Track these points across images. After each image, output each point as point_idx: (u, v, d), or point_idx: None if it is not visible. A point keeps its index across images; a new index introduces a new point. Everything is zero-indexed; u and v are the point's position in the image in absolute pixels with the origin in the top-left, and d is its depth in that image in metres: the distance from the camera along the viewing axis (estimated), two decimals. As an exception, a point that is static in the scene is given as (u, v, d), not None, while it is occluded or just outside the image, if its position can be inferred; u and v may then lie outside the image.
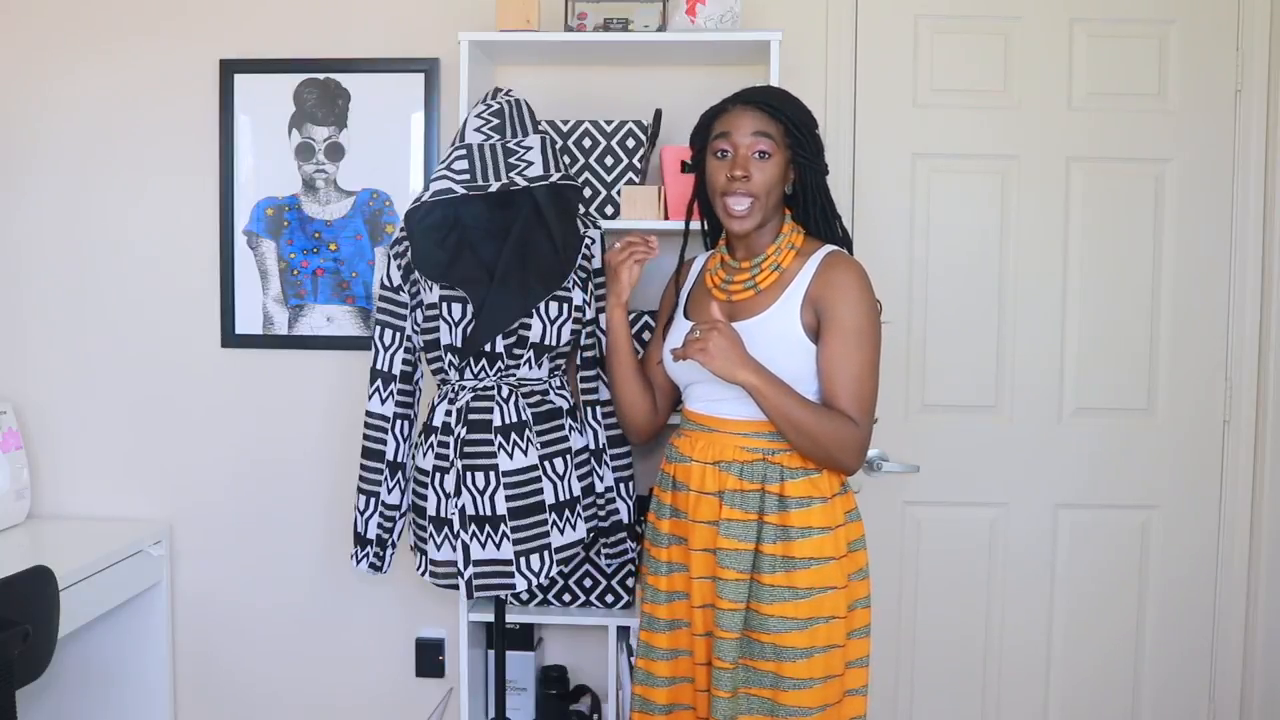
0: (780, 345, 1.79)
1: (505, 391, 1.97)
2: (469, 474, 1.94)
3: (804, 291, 1.80)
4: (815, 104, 2.35)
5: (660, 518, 1.91)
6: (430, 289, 1.99)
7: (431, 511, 1.99)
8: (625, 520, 2.13)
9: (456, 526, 1.95)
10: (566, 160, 2.17)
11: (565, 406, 2.03)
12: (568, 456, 2.00)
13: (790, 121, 1.81)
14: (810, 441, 1.74)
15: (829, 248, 1.85)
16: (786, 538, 1.76)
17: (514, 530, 1.93)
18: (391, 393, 2.07)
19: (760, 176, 1.79)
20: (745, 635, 1.77)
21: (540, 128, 2.03)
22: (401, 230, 2.02)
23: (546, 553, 1.96)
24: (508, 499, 1.93)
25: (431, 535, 1.99)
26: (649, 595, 1.92)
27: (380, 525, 2.09)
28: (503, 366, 1.97)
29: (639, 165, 2.22)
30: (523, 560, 1.94)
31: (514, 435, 1.94)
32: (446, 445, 1.96)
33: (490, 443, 1.94)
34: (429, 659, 2.52)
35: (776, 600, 1.75)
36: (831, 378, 1.77)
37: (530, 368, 1.99)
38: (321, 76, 2.44)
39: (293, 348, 2.50)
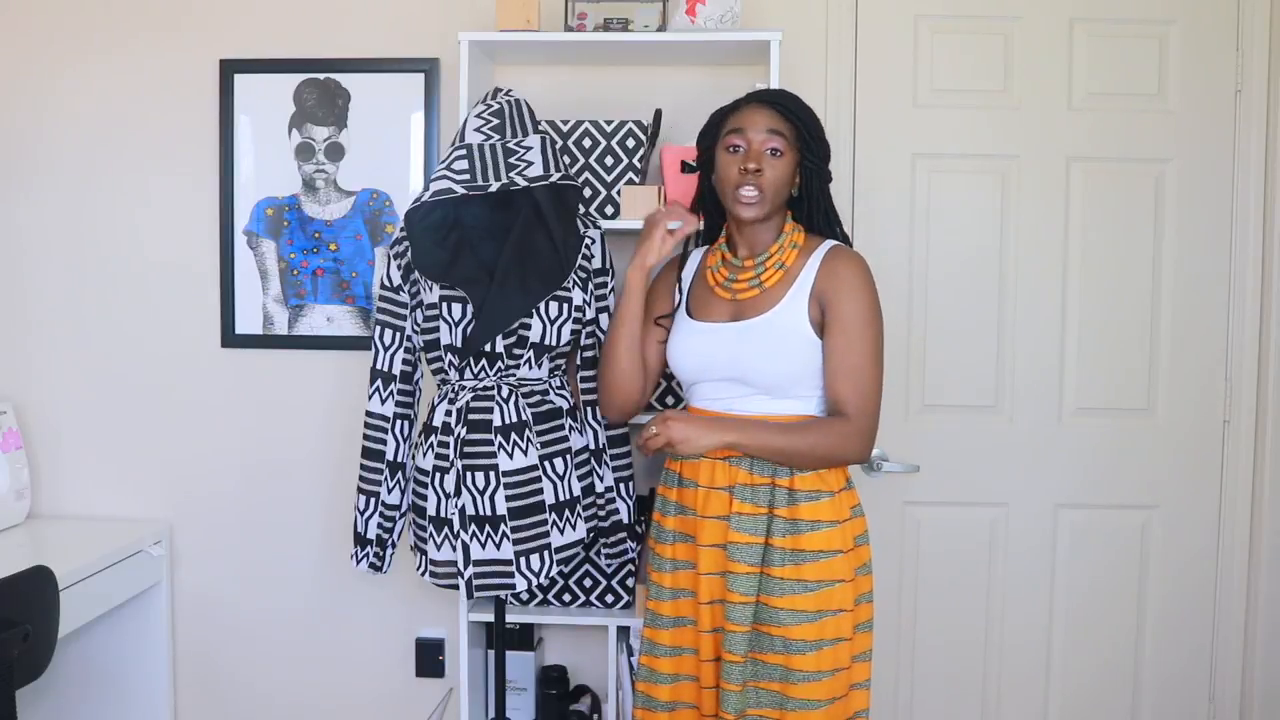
0: (788, 340, 1.80)
1: (505, 391, 1.97)
2: (469, 474, 1.94)
3: (810, 287, 1.82)
4: (815, 104, 2.34)
5: (665, 515, 1.92)
6: (430, 289, 1.99)
7: (431, 511, 1.99)
8: (625, 520, 2.13)
9: (456, 526, 1.95)
10: (566, 160, 2.17)
11: (565, 406, 2.03)
12: (568, 456, 2.00)
13: (803, 124, 1.84)
14: (805, 458, 1.78)
15: (830, 243, 1.88)
16: (796, 531, 1.78)
17: (514, 530, 1.93)
18: (391, 393, 2.07)
19: (771, 173, 1.81)
20: (755, 629, 1.79)
21: (540, 128, 2.03)
22: (401, 230, 2.02)
23: (546, 553, 1.96)
24: (508, 499, 1.93)
25: (431, 535, 1.99)
26: (653, 592, 1.92)
27: (380, 525, 2.09)
28: (503, 366, 1.97)
29: (639, 165, 2.22)
30: (523, 560, 1.94)
31: (514, 435, 1.94)
32: (446, 445, 1.96)
33: (490, 443, 1.94)
34: (429, 659, 2.52)
35: (786, 593, 1.77)
36: (834, 370, 1.79)
37: (530, 368, 1.99)
38: (321, 76, 2.44)
39: (293, 348, 2.50)
